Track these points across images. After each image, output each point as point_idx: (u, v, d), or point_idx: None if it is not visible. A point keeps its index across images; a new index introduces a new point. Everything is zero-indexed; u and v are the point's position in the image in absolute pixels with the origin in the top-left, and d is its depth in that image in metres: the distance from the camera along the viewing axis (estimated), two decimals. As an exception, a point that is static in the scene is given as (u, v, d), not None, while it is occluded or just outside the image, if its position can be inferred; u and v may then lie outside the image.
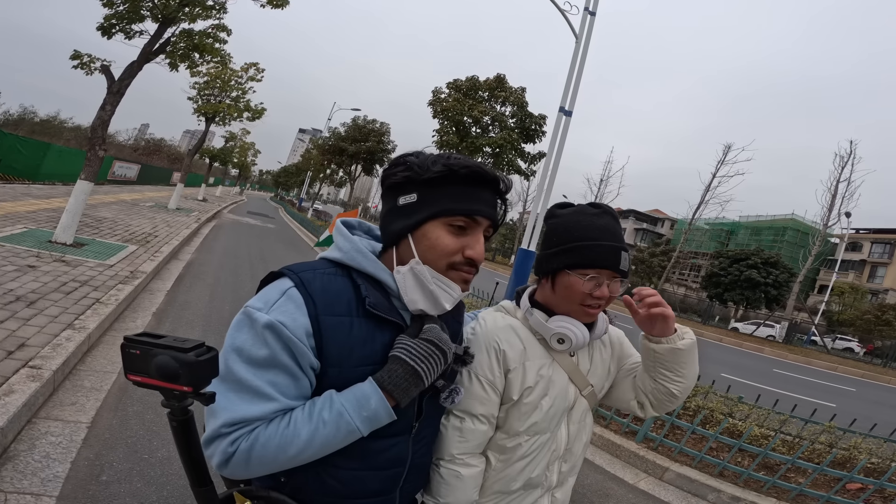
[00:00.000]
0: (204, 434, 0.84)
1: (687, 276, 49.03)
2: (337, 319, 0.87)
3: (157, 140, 51.94)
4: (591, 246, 1.08)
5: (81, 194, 6.74)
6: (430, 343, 0.89)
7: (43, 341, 3.39)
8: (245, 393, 0.82)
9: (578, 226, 1.11)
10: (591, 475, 3.74)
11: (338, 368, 0.87)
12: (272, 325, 0.82)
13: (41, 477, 2.26)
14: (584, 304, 1.09)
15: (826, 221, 28.00)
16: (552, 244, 1.14)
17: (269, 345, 0.82)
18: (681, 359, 1.12)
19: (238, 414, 0.81)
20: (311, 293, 0.86)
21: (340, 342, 0.87)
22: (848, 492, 3.61)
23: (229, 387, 0.83)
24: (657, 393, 1.17)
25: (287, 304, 0.85)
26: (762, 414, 4.80)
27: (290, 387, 0.85)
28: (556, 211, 1.19)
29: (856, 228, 39.31)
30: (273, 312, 0.84)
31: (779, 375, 13.94)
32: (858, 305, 34.62)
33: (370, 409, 0.84)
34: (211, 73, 15.97)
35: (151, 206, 15.42)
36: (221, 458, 0.82)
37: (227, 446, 0.82)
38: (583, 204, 1.18)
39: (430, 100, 17.25)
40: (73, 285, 4.88)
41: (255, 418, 0.82)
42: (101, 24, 7.38)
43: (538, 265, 1.19)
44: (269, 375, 0.83)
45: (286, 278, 0.90)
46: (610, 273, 1.08)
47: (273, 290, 0.88)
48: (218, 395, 0.82)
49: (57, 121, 32.68)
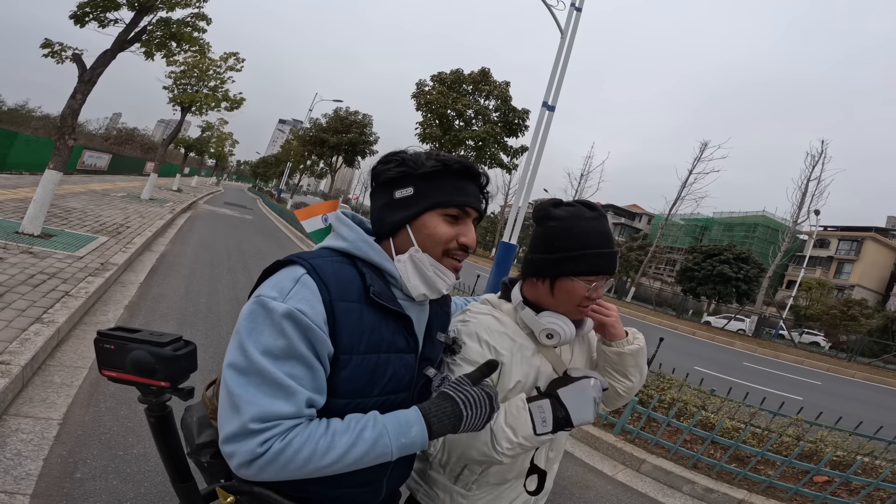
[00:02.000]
0: (224, 430, 0.80)
1: (663, 270, 50.07)
2: (349, 305, 0.88)
3: (130, 129, 50.28)
4: (598, 254, 1.10)
5: (50, 184, 6.50)
6: (487, 397, 0.91)
7: (10, 336, 3.27)
8: (267, 386, 0.79)
9: (582, 232, 1.11)
10: (571, 467, 3.80)
11: (348, 356, 0.87)
12: (291, 314, 0.81)
13: (13, 475, 2.19)
14: (581, 306, 1.14)
15: (796, 219, 28.85)
16: (555, 249, 1.12)
17: (287, 335, 0.81)
18: (627, 362, 1.22)
19: (265, 409, 0.78)
20: (323, 279, 0.86)
21: (352, 328, 0.88)
22: (815, 484, 3.75)
23: (250, 380, 0.80)
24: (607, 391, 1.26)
25: (302, 290, 0.84)
26: (733, 407, 4.95)
27: (307, 378, 0.83)
28: (553, 212, 1.16)
29: (824, 226, 40.68)
30: (290, 300, 0.82)
31: (749, 369, 14.36)
32: (825, 301, 35.81)
33: (409, 437, 0.85)
34: (188, 62, 15.53)
35: (123, 196, 14.98)
36: (246, 457, 0.78)
37: (256, 446, 0.77)
38: (577, 203, 1.17)
39: (413, 92, 17.17)
40: (42, 277, 4.72)
41: (283, 415, 0.80)
42: (75, 13, 7.09)
43: (534, 267, 1.16)
44: (288, 367, 0.81)
45: (296, 266, 0.89)
46: (606, 277, 1.13)
47: (285, 277, 0.86)
48: (235, 387, 0.79)
49: (25, 110, 31.43)
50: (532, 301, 1.19)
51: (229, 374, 0.81)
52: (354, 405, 0.90)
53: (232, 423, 0.79)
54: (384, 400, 0.94)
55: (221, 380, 0.83)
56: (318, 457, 0.80)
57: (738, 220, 48.34)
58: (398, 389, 0.96)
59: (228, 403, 0.80)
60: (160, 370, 0.88)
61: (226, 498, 0.93)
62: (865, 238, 44.27)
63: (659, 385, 5.08)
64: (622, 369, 1.24)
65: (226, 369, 0.82)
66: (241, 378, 0.80)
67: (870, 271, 43.90)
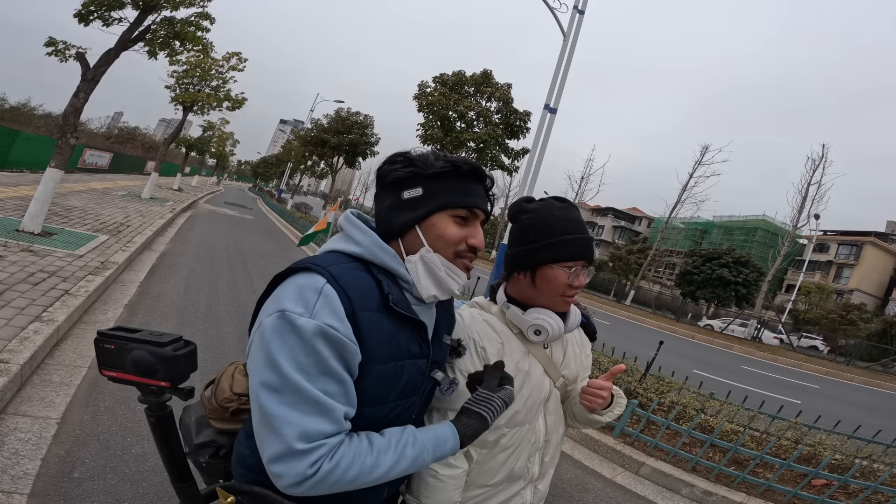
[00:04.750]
0: (268, 452, 0.79)
1: (662, 273, 50.03)
2: (370, 315, 0.87)
3: (132, 128, 50.29)
4: (572, 240, 1.13)
5: (51, 182, 6.50)
6: (505, 402, 0.98)
7: (10, 334, 3.26)
8: (305, 405, 0.78)
9: (556, 220, 1.15)
10: (570, 469, 3.80)
11: (370, 366, 0.87)
12: (322, 331, 0.79)
13: (11, 474, 2.19)
14: (564, 295, 1.15)
15: (795, 223, 28.78)
16: (531, 240, 1.16)
17: (318, 352, 0.79)
18: (593, 424, 1.28)
19: (307, 428, 0.78)
20: (344, 288, 0.84)
21: (375, 338, 0.86)
22: (813, 487, 3.74)
23: (286, 399, 0.78)
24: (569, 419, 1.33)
25: (328, 303, 0.82)
26: (732, 410, 4.94)
27: (340, 393, 0.82)
28: (525, 206, 1.21)
29: (824, 230, 40.66)
30: (318, 315, 0.80)
31: (747, 372, 14.34)
32: (824, 305, 35.77)
33: (444, 451, 0.92)
34: (191, 61, 15.53)
35: (124, 195, 14.98)
36: (296, 479, 0.77)
37: (306, 468, 0.77)
38: (547, 198, 1.22)
39: (415, 93, 17.19)
40: (41, 276, 4.72)
41: (326, 433, 0.79)
42: (79, 11, 7.10)
43: (514, 261, 1.20)
44: (322, 384, 0.80)
45: (313, 273, 0.86)
46: (584, 263, 1.15)
47: (307, 289, 0.83)
48: (273, 407, 0.78)
49: (27, 108, 31.43)
50: (517, 298, 1.21)
51: (263, 394, 0.79)
52: (372, 412, 0.90)
53: (275, 445, 0.78)
54: (397, 405, 0.94)
55: (253, 399, 0.81)
56: (364, 474, 0.82)
57: (737, 224, 48.33)
58: (410, 394, 0.97)
59: (266, 423, 0.79)
60: (160, 370, 0.88)
61: (226, 498, 0.93)
62: (865, 242, 44.26)
63: (658, 388, 5.07)
64: (586, 425, 1.30)
65: (258, 388, 0.80)
66: (277, 397, 0.78)
67: (869, 276, 43.88)
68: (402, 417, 0.96)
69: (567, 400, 1.31)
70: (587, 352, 1.39)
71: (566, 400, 1.31)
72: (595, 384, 1.17)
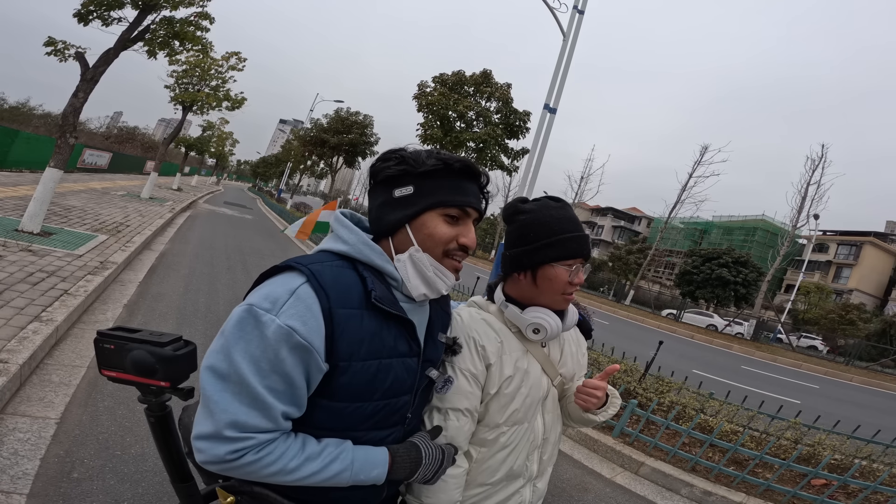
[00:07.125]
0: (198, 428, 0.81)
1: (661, 273, 50.04)
2: (349, 312, 0.86)
3: (131, 128, 50.16)
4: (572, 238, 1.15)
5: (50, 182, 6.50)
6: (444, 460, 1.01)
7: (9, 334, 3.26)
8: (245, 397, 0.80)
9: (553, 220, 1.16)
10: (569, 469, 3.80)
11: (347, 362, 0.87)
12: (281, 330, 0.80)
13: (10, 474, 2.18)
14: (565, 293, 1.16)
15: (795, 223, 28.78)
16: (531, 240, 1.16)
17: (274, 349, 0.80)
18: (587, 423, 1.28)
19: (240, 419, 0.79)
20: (323, 286, 0.85)
21: (352, 336, 0.86)
22: (813, 487, 3.75)
23: (228, 387, 0.80)
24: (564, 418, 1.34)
25: (297, 304, 0.82)
26: (732, 410, 4.95)
27: (286, 394, 0.83)
28: (521, 207, 1.22)
29: (823, 230, 40.71)
30: (283, 315, 0.80)
31: (747, 372, 14.35)
32: (823, 305, 35.77)
33: (368, 476, 0.91)
34: (190, 61, 15.52)
35: (123, 195, 14.96)
36: (213, 459, 0.80)
37: (226, 453, 0.79)
38: (542, 198, 1.23)
39: (415, 93, 17.13)
40: (41, 276, 4.71)
41: (258, 428, 0.81)
42: (78, 11, 7.09)
43: (514, 261, 1.20)
44: (269, 381, 0.81)
45: (294, 273, 0.86)
46: (582, 260, 1.17)
47: (280, 287, 0.84)
48: (213, 392, 0.80)
49: (26, 108, 31.37)
50: (516, 298, 1.21)
51: (208, 377, 0.81)
52: (353, 409, 0.90)
53: (206, 425, 0.80)
54: (385, 404, 0.94)
55: (201, 378, 0.83)
56: (283, 474, 0.84)
57: (737, 224, 48.37)
58: (399, 393, 0.96)
59: (204, 403, 0.81)
60: (160, 370, 0.88)
61: (226, 498, 0.93)
62: (864, 243, 44.31)
63: (658, 388, 5.08)
64: (581, 424, 1.30)
65: (205, 370, 0.82)
66: (220, 383, 0.80)
67: (868, 276, 43.92)
68: (394, 416, 0.96)
69: (564, 398, 1.31)
70: (583, 350, 1.39)
71: (563, 398, 1.31)
72: (590, 384, 1.18)
